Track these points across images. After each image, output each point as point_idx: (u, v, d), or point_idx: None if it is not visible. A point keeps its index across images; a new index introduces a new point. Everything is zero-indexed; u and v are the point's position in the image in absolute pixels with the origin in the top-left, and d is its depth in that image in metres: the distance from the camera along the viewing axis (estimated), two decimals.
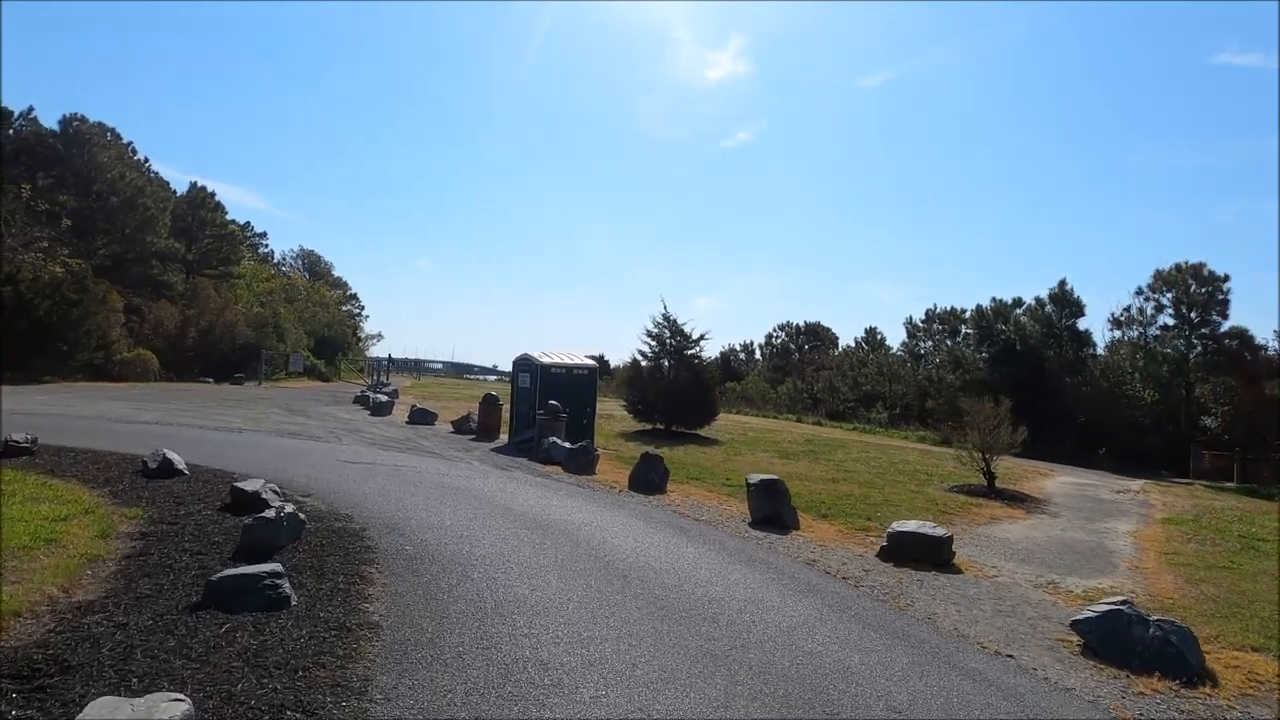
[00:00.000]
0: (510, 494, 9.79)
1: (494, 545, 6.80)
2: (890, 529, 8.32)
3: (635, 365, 22.61)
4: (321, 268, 70.08)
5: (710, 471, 14.50)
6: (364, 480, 9.79)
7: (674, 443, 19.63)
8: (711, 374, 23.15)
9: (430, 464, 12.19)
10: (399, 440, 15.51)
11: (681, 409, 21.64)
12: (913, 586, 7.03)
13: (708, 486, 12.66)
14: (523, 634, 4.57)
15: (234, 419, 17.18)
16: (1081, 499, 15.65)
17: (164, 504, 7.24)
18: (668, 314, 22.68)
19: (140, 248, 36.46)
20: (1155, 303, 31.28)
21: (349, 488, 9.11)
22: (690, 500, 11.00)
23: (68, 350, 27.42)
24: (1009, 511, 12.69)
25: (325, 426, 17.29)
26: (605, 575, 6.19)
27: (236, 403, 22.60)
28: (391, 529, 7.07)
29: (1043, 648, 5.55)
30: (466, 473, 11.51)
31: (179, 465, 8.77)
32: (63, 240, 29.29)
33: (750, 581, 6.49)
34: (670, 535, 8.15)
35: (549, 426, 14.88)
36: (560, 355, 17.36)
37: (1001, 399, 14.90)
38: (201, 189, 43.14)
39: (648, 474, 11.81)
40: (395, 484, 9.70)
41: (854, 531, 9.71)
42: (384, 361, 43.92)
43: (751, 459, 17.44)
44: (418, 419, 20.08)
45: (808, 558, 7.85)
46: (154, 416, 16.19)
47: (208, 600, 4.41)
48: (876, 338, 50.77)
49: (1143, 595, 7.50)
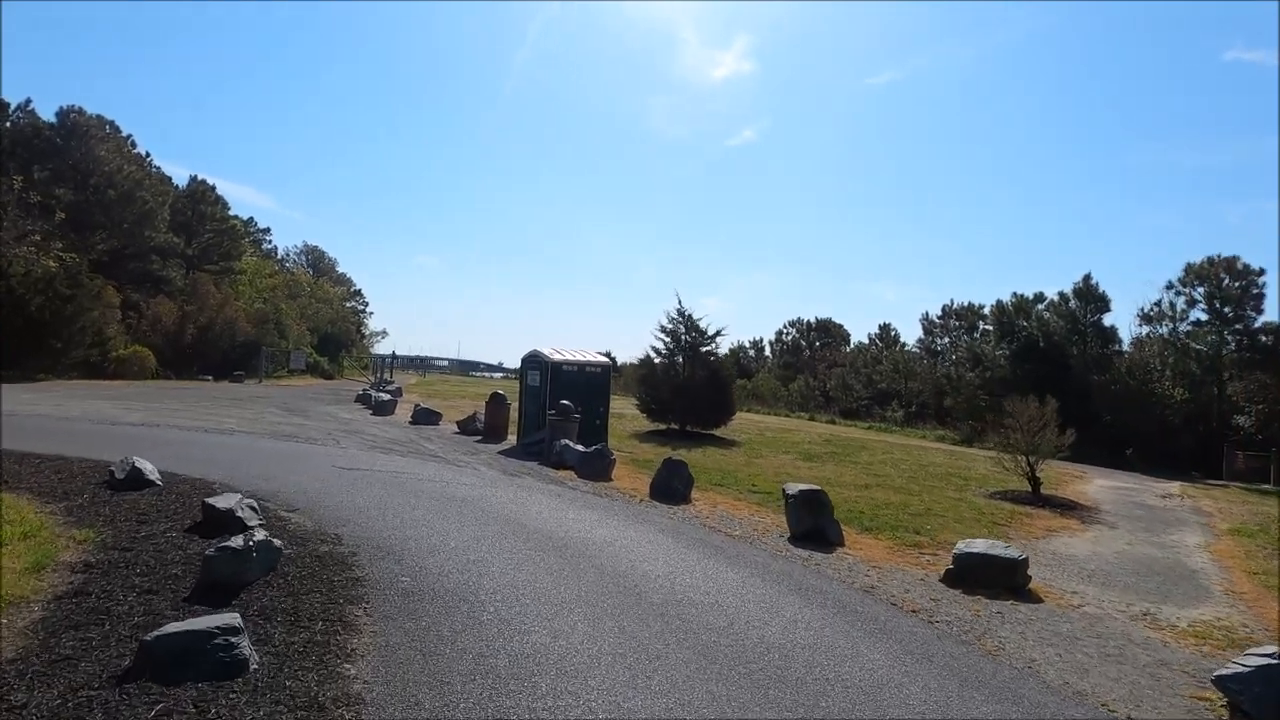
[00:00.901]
0: (522, 505, 8.80)
1: (506, 573, 5.81)
2: (956, 550, 7.29)
3: (649, 362, 21.58)
4: (325, 264, 69.25)
5: (733, 476, 13.49)
6: (359, 490, 8.81)
7: (690, 444, 18.62)
8: (728, 372, 22.11)
9: (433, 470, 11.21)
10: (401, 443, 14.55)
11: (697, 408, 20.62)
12: (994, 621, 6.01)
13: (734, 494, 11.66)
14: (548, 709, 3.58)
15: (228, 420, 16.24)
16: (1130, 505, 14.59)
17: (124, 524, 6.27)
18: (683, 309, 21.66)
19: (139, 242, 35.57)
20: (1187, 297, 30.06)
21: (342, 500, 8.12)
22: (718, 511, 10.00)
23: (61, 347, 26.54)
24: (1063, 522, 11.64)
25: (324, 428, 16.33)
26: (639, 613, 5.19)
27: (233, 402, 21.68)
28: (386, 553, 6.08)
29: (1180, 709, 4.53)
30: (473, 480, 10.52)
31: (150, 475, 7.80)
32: (56, 234, 28.37)
33: (809, 619, 5.48)
34: (705, 556, 7.15)
35: (561, 428, 13.89)
36: (572, 352, 16.36)
37: (1048, 398, 13.83)
38: (202, 183, 42.25)
39: (670, 481, 10.80)
40: (394, 494, 8.72)
41: (904, 548, 8.70)
42: (388, 359, 42.94)
43: (774, 462, 16.42)
44: (421, 419, 19.13)
45: (864, 583, 6.84)
46: (142, 417, 15.25)
47: (141, 667, 3.42)
48: (890, 334, 49.63)
49: (1255, 628, 6.47)
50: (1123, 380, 30.77)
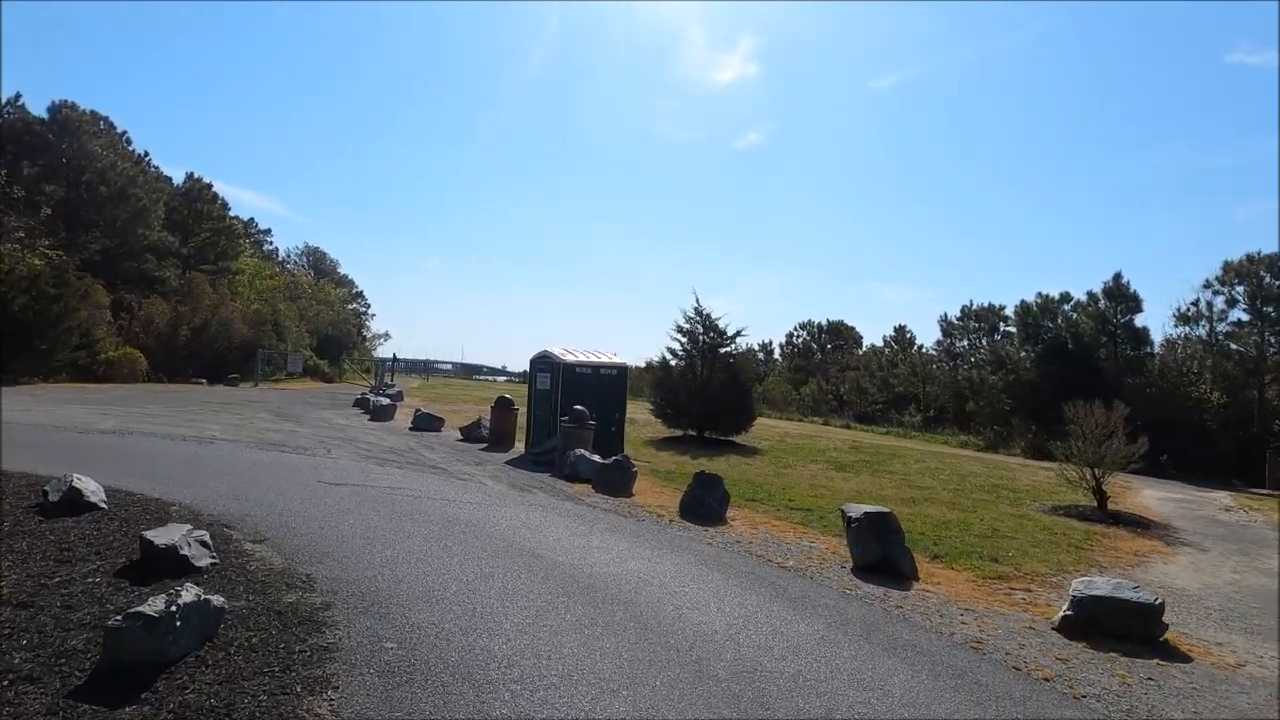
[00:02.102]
0: (536, 531, 7.47)
1: (523, 631, 4.49)
2: (1075, 591, 5.94)
3: (664, 365, 20.24)
4: (327, 265, 68.07)
5: (765, 490, 12.15)
6: (345, 512, 7.49)
7: (710, 452, 17.28)
8: (749, 374, 20.77)
9: (433, 484, 9.90)
10: (399, 452, 13.25)
11: (716, 413, 19.28)
12: (1151, 694, 4.67)
13: (771, 511, 10.33)
14: None
15: (212, 426, 14.95)
16: (1201, 521, 13.22)
17: (40, 562, 4.96)
18: (700, 307, 20.35)
19: (132, 241, 34.36)
20: (1227, 296, 28.62)
21: (322, 525, 6.81)
22: (760, 533, 8.67)
23: (47, 350, 25.28)
24: (1147, 544, 10.27)
25: (316, 435, 15.04)
26: (707, 697, 3.86)
27: (223, 406, 20.41)
28: (369, 604, 4.77)
29: None
30: (478, 498, 9.20)
31: (92, 496, 6.49)
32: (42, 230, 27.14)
33: (923, 696, 4.13)
34: (765, 599, 5.81)
35: (574, 436, 12.57)
36: (585, 353, 15.05)
37: (1116, 404, 12.46)
38: (198, 180, 40.98)
39: (704, 499, 9.47)
40: (385, 517, 7.40)
41: (988, 581, 7.36)
42: (389, 362, 41.59)
43: (804, 473, 15.09)
44: (422, 425, 17.83)
45: (965, 634, 5.50)
46: (117, 423, 13.97)
47: None
48: (905, 336, 48.20)
49: None
50: (1156, 383, 29.33)
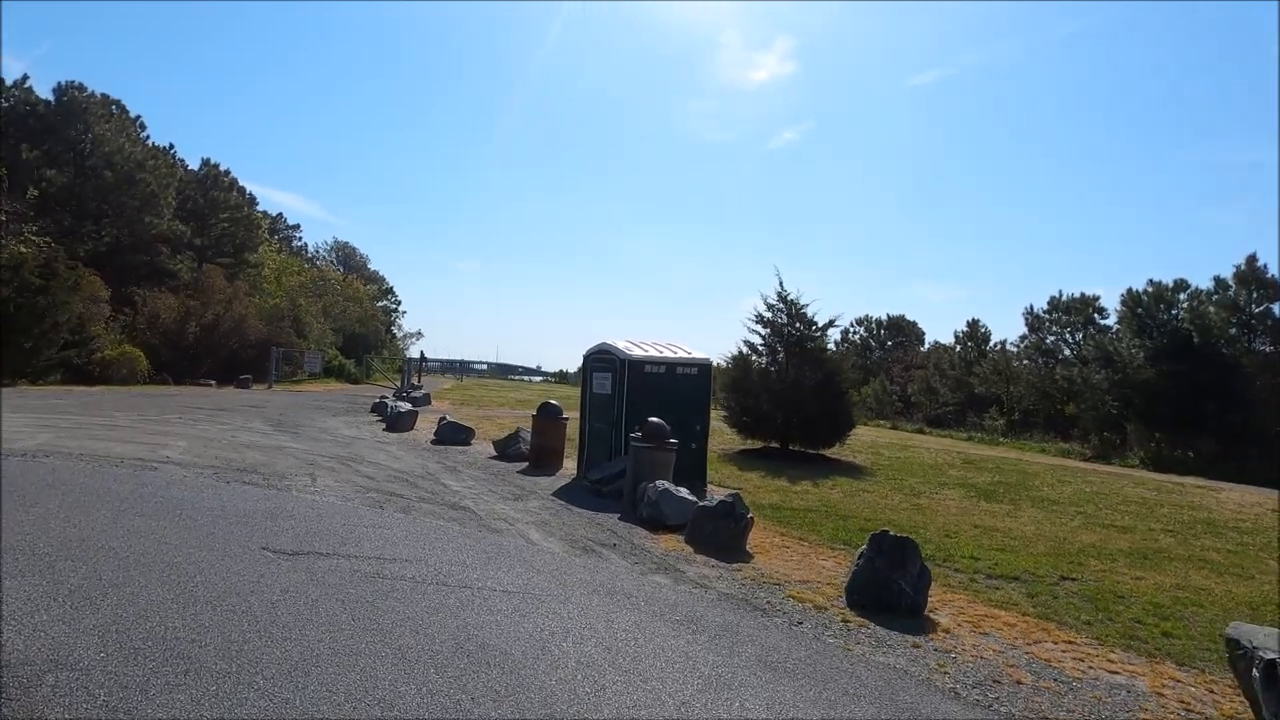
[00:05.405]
0: (633, 658, 3.87)
1: None
2: None
3: (742, 361, 16.55)
4: (356, 260, 65.64)
5: (925, 536, 8.34)
6: (275, 637, 3.98)
7: (802, 470, 13.59)
8: (845, 375, 16.97)
9: (449, 550, 6.37)
10: (411, 479, 9.82)
11: (807, 422, 15.58)
12: None
13: (972, 587, 6.63)
14: None
15: (178, 441, 11.70)
16: None
17: None
18: (783, 292, 16.64)
19: (139, 231, 31.69)
20: None
21: (216, 682, 3.29)
22: (1004, 646, 4.98)
23: (31, 347, 22.52)
24: None
25: (309, 453, 11.70)
26: None
27: (214, 412, 17.27)
28: None
29: None
30: (520, 579, 5.64)
31: None
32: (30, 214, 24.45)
33: None
34: None
35: (650, 459, 8.99)
36: (656, 346, 11.47)
37: None
38: (214, 166, 38.29)
39: (889, 577, 5.76)
40: (355, 638, 3.87)
41: None
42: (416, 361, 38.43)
43: (946, 504, 11.28)
44: (446, 437, 14.41)
45: None
46: (47, 440, 10.74)
47: None
48: (980, 331, 43.77)
49: None
50: None
